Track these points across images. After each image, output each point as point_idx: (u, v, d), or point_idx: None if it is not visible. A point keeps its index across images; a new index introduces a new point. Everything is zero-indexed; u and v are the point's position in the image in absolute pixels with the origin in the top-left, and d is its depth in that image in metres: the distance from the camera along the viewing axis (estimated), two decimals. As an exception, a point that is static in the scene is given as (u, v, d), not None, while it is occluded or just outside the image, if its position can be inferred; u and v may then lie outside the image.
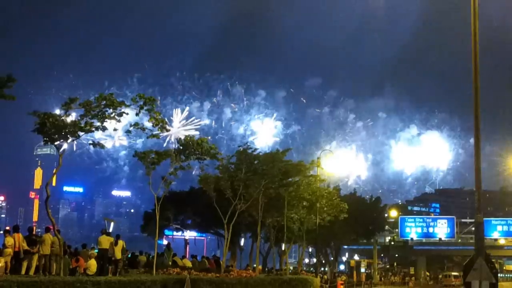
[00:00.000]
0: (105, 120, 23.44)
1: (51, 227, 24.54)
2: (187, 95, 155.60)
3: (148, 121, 26.10)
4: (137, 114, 25.52)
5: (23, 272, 23.04)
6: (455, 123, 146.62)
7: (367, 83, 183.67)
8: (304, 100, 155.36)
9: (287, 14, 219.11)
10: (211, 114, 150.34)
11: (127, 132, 28.59)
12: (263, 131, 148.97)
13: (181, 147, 29.60)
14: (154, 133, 27.28)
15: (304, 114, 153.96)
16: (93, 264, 27.84)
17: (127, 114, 24.31)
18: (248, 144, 39.19)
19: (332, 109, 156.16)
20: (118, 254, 28.54)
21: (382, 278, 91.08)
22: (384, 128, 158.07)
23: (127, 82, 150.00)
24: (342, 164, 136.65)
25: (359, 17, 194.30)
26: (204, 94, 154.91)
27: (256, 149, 38.89)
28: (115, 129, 25.10)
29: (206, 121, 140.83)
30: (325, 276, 67.16)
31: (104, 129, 23.95)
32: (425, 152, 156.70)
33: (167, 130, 27.96)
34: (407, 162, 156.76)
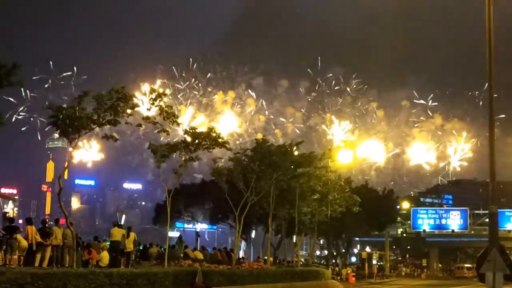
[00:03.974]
0: (119, 113, 23.43)
1: (60, 219, 24.69)
2: (210, 88, 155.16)
3: (160, 115, 26.13)
4: (148, 109, 25.55)
5: (36, 264, 23.16)
6: (477, 113, 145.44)
7: (390, 73, 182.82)
8: (328, 91, 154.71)
9: (309, 3, 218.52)
10: (234, 106, 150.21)
11: (138, 125, 28.56)
12: (286, 123, 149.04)
13: (188, 138, 29.56)
14: (164, 128, 27.33)
15: (326, 104, 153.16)
16: (105, 256, 27.96)
17: (139, 107, 24.33)
18: (264, 137, 39.42)
19: (354, 99, 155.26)
20: (130, 246, 28.63)
21: (392, 270, 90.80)
22: (406, 119, 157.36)
23: (151, 74, 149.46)
24: (361, 154, 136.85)
25: (381, 5, 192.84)
26: (228, 86, 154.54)
27: (272, 144, 39.06)
28: (127, 123, 25.11)
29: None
30: (337, 268, 67.05)
31: (116, 122, 23.94)
32: (447, 143, 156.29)
33: (178, 124, 27.92)
34: (428, 153, 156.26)
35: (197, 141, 29.49)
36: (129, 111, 23.47)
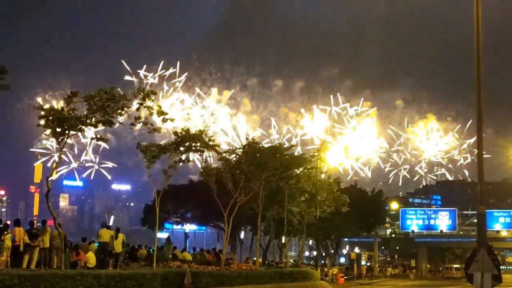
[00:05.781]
0: (109, 114, 23.32)
1: (48, 221, 24.53)
2: (205, 88, 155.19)
3: (150, 114, 26.04)
4: (137, 109, 25.44)
5: (24, 265, 23.00)
6: (469, 114, 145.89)
7: (383, 74, 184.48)
8: (320, 90, 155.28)
9: (303, 3, 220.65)
10: (230, 106, 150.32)
11: (132, 125, 28.39)
12: (280, 124, 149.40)
13: (178, 140, 29.50)
14: (155, 126, 27.23)
15: (320, 104, 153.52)
16: (91, 257, 27.85)
17: (129, 108, 24.23)
18: (253, 138, 39.61)
19: (348, 99, 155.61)
20: (119, 247, 28.53)
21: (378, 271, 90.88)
22: (400, 119, 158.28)
23: (148, 73, 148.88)
24: (353, 155, 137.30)
25: (371, 6, 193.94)
26: (223, 87, 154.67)
27: (262, 146, 39.24)
28: (120, 123, 25.02)
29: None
30: (325, 269, 66.96)
31: (109, 122, 23.83)
32: (438, 144, 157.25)
33: (172, 120, 27.80)
34: (420, 154, 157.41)
35: (187, 143, 29.46)
36: (120, 112, 23.41)
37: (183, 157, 30.06)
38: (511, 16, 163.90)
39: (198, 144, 30.06)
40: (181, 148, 29.61)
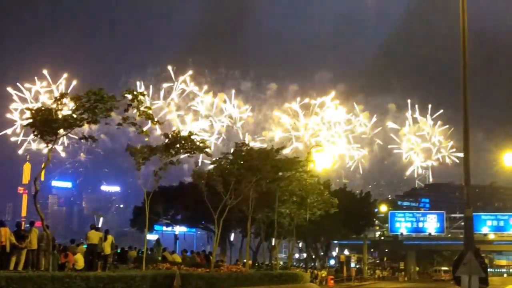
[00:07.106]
0: (97, 115, 23.30)
1: (36, 222, 24.43)
2: (200, 91, 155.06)
3: (138, 116, 26.00)
4: (125, 110, 25.40)
5: (11, 267, 22.86)
6: (460, 118, 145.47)
7: (376, 78, 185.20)
8: (314, 94, 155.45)
9: (298, 7, 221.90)
10: (224, 109, 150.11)
11: (119, 124, 28.33)
12: (274, 127, 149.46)
13: (169, 142, 29.51)
14: (143, 129, 27.22)
15: (312, 108, 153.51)
16: (79, 259, 27.77)
17: (118, 108, 24.21)
18: (244, 141, 39.80)
19: (341, 103, 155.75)
20: (108, 249, 28.46)
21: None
22: (390, 124, 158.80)
23: (143, 77, 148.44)
24: (342, 158, 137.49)
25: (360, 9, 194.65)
26: (218, 90, 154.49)
27: (252, 148, 39.39)
28: (106, 123, 24.98)
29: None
30: (315, 271, 67.02)
31: (95, 121, 23.84)
32: (430, 148, 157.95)
33: (160, 124, 27.83)
34: (410, 157, 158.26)
35: (178, 145, 29.47)
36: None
37: (174, 159, 30.08)
38: (501, 20, 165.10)
39: (188, 145, 30.06)
40: (172, 150, 29.60)
